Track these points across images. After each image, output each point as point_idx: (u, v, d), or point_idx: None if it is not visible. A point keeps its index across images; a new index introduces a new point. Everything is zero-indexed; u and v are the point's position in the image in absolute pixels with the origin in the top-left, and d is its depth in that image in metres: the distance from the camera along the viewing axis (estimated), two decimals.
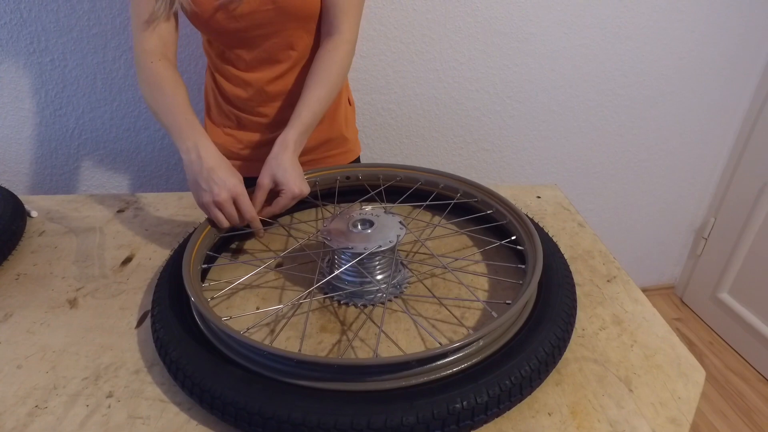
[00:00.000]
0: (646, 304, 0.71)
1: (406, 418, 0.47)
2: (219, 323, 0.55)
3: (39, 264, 0.79)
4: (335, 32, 0.86)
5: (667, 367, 0.60)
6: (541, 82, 1.49)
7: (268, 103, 0.94)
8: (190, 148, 0.73)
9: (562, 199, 0.99)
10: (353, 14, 0.86)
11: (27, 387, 0.57)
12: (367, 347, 0.62)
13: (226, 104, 0.97)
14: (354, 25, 0.87)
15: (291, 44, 0.89)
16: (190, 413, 0.53)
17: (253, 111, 0.96)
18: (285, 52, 0.90)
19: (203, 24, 0.85)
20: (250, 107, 0.95)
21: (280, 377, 0.52)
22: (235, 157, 1.01)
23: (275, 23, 0.85)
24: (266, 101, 0.94)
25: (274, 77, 0.92)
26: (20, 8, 1.16)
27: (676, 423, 0.53)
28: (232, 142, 1.00)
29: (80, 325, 0.66)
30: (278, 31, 0.86)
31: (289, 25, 0.86)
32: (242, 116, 0.97)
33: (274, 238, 0.84)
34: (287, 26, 0.86)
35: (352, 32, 0.87)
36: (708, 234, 1.94)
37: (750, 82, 1.67)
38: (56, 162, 1.37)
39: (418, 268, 0.76)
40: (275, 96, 0.94)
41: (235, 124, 0.99)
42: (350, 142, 1.07)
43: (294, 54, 0.90)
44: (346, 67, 0.87)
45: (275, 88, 0.93)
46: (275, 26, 0.85)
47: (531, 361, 0.54)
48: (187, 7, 0.82)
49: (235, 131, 0.99)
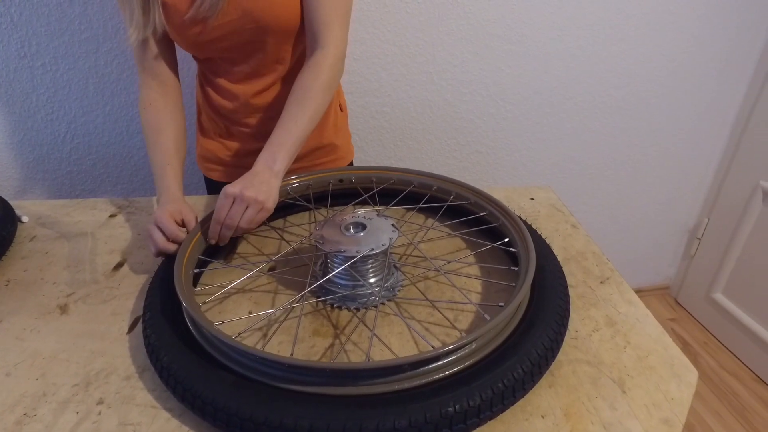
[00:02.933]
0: (639, 305, 0.71)
1: (399, 423, 0.47)
2: (211, 328, 0.54)
3: (30, 270, 0.78)
4: (317, 47, 0.82)
5: (660, 369, 0.60)
6: (534, 84, 1.49)
7: (254, 114, 0.94)
8: (158, 199, 0.82)
9: (555, 201, 0.99)
10: (337, 25, 0.82)
11: (16, 395, 0.56)
12: (360, 351, 0.61)
13: (213, 113, 0.97)
14: (339, 38, 0.82)
15: (276, 58, 0.88)
16: (182, 419, 0.53)
17: (240, 122, 0.95)
18: (271, 66, 0.89)
19: (179, 38, 0.84)
20: (237, 118, 0.95)
21: (272, 382, 0.52)
22: (222, 163, 1.01)
23: (256, 39, 0.84)
24: (252, 113, 0.94)
25: (261, 90, 0.91)
26: (10, 12, 1.15)
27: (668, 424, 0.53)
28: (220, 149, 1.00)
29: (71, 331, 0.65)
30: (261, 47, 0.86)
31: (271, 40, 0.85)
32: (229, 126, 0.97)
33: (267, 242, 0.84)
34: (269, 41, 0.85)
35: (336, 46, 0.82)
36: (701, 234, 1.95)
37: (741, 84, 1.68)
38: (48, 167, 1.36)
39: (411, 270, 0.76)
40: (261, 108, 0.93)
41: (224, 132, 0.99)
42: (341, 149, 1.06)
43: (280, 67, 0.90)
44: (331, 84, 0.82)
45: (262, 100, 0.92)
46: (257, 42, 0.85)
47: (524, 364, 0.53)
48: (159, 28, 0.82)
49: (223, 139, 1.00)
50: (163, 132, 0.86)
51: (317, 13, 0.81)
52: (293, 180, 0.88)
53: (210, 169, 1.04)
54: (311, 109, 0.79)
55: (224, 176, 1.03)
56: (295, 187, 0.88)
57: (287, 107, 0.80)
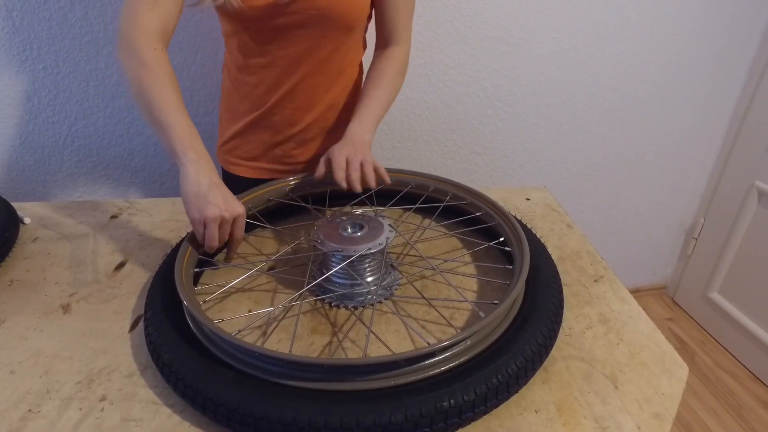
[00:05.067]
0: (632, 303, 0.72)
1: (395, 417, 0.48)
2: (211, 326, 0.56)
3: (32, 270, 0.79)
4: (393, 43, 0.93)
5: (651, 364, 0.62)
6: (531, 86, 1.50)
7: (289, 104, 0.93)
8: (192, 160, 0.69)
9: (551, 201, 1.00)
10: (410, 26, 0.94)
11: (20, 392, 0.57)
12: (357, 348, 0.63)
13: (241, 102, 0.95)
14: (410, 37, 0.95)
15: (324, 49, 0.88)
16: (183, 415, 0.54)
17: (272, 110, 0.94)
18: (314, 56, 0.89)
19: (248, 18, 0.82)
20: (266, 103, 0.93)
21: (271, 378, 0.53)
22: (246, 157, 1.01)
23: (315, 28, 0.85)
24: (288, 101, 0.93)
25: (300, 79, 0.90)
26: (12, 16, 1.16)
27: (659, 418, 0.55)
28: (245, 143, 0.99)
29: (73, 330, 0.67)
30: (315, 36, 0.86)
31: (328, 32, 0.86)
32: (258, 115, 0.95)
33: (266, 242, 0.85)
34: (326, 32, 0.86)
35: (409, 43, 0.95)
36: (698, 234, 1.96)
37: (736, 84, 1.70)
38: (49, 169, 1.38)
39: (408, 270, 0.77)
40: (298, 97, 0.92)
41: (248, 125, 0.97)
42: None
43: (321, 58, 0.89)
44: (403, 76, 0.95)
45: (300, 89, 0.92)
46: (314, 31, 0.85)
47: (518, 360, 0.55)
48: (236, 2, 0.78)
49: (250, 132, 0.98)
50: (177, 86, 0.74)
51: (398, 14, 0.91)
52: (292, 181, 0.89)
53: (231, 163, 1.03)
54: (391, 93, 0.91)
55: (248, 171, 1.02)
56: (294, 187, 0.89)
57: (369, 90, 0.89)
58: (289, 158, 1.00)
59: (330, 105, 0.96)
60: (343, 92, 0.97)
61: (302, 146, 0.99)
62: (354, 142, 0.81)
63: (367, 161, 0.77)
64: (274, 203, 0.87)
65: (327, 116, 0.97)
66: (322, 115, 0.96)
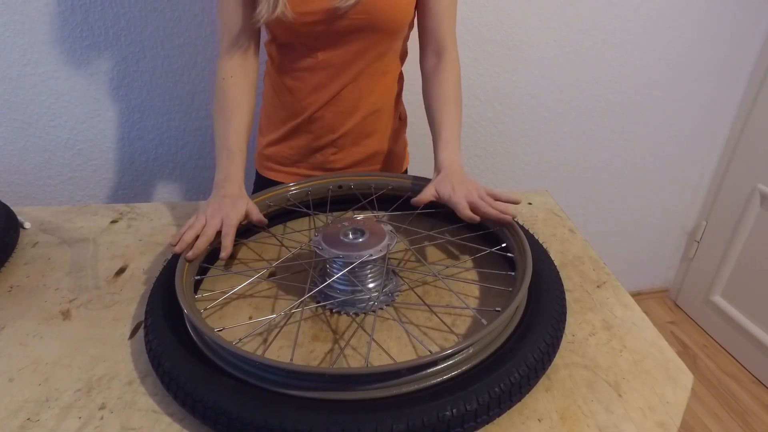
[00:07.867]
0: (635, 309, 0.72)
1: (397, 426, 0.47)
2: (211, 334, 0.55)
3: (32, 275, 0.79)
4: (444, 50, 0.92)
5: (655, 372, 0.61)
6: (532, 89, 1.50)
7: (331, 108, 0.94)
8: (219, 181, 0.80)
9: (552, 206, 1.00)
10: (455, 31, 0.93)
11: (19, 400, 0.57)
12: (359, 355, 0.62)
13: (282, 108, 0.97)
14: (456, 40, 0.94)
15: (367, 55, 0.90)
16: (183, 423, 0.54)
17: (313, 115, 0.95)
18: (358, 61, 0.90)
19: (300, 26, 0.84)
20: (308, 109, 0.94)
21: (271, 387, 0.52)
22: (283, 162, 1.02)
23: (361, 33, 0.86)
24: (330, 106, 0.94)
25: (343, 84, 0.92)
26: (14, 20, 1.16)
27: (664, 427, 0.54)
28: (283, 149, 1.01)
29: (73, 337, 0.66)
30: (360, 42, 0.87)
31: (373, 38, 0.87)
32: (300, 121, 0.96)
33: (267, 248, 0.85)
34: (370, 38, 0.87)
35: (457, 49, 0.94)
36: (700, 237, 1.96)
37: (738, 86, 1.69)
38: (50, 173, 1.37)
39: (410, 276, 0.77)
40: (340, 101, 0.93)
41: (289, 131, 0.98)
42: (397, 157, 1.08)
43: (363, 64, 0.91)
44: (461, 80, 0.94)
45: (342, 94, 0.93)
46: (360, 36, 0.86)
47: (520, 368, 0.54)
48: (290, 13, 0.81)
49: (287, 139, 1.00)
50: (239, 111, 0.85)
51: (446, 21, 0.91)
52: (293, 187, 0.89)
53: (269, 168, 1.04)
54: (460, 107, 0.92)
55: (286, 177, 1.03)
56: (295, 193, 0.89)
57: (441, 109, 0.90)
58: (329, 164, 1.01)
59: (370, 111, 0.97)
60: (383, 98, 0.98)
61: (342, 152, 1.00)
62: (454, 173, 0.81)
63: (483, 194, 0.77)
64: (275, 209, 0.87)
65: (367, 122, 0.98)
66: (362, 121, 0.97)
